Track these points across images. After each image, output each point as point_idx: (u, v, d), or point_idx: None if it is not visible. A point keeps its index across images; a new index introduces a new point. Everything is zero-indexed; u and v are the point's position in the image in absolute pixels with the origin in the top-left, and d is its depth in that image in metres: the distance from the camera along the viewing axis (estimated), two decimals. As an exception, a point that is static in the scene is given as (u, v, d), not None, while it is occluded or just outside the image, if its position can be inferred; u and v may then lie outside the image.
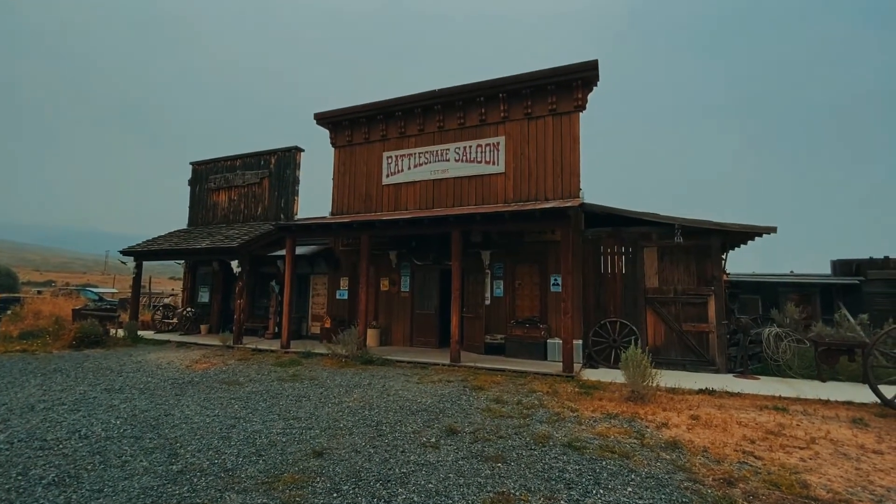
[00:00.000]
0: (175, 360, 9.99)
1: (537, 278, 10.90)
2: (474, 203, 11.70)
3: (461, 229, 9.82)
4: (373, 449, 4.59)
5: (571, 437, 4.98)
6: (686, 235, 9.54)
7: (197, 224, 16.63)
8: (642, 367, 6.63)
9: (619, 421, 5.63)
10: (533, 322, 10.46)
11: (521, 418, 5.68)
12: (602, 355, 9.96)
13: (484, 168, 11.76)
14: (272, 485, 3.73)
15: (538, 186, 11.06)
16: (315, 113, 14.06)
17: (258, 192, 15.47)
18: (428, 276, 12.40)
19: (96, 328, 12.10)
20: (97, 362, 9.53)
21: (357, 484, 3.76)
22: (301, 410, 6.01)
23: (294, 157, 15.01)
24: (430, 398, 6.69)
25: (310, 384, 7.60)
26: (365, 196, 13.38)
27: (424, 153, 12.57)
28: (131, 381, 7.70)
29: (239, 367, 9.21)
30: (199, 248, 13.16)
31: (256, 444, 4.70)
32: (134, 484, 3.72)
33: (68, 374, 8.21)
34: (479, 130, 11.97)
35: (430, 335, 12.10)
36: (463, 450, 4.59)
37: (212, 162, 16.68)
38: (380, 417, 5.69)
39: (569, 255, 8.87)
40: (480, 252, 11.31)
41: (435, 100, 12.24)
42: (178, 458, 4.28)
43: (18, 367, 8.78)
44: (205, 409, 6.01)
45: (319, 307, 14.20)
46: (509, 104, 11.56)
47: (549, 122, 11.16)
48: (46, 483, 3.70)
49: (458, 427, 5.28)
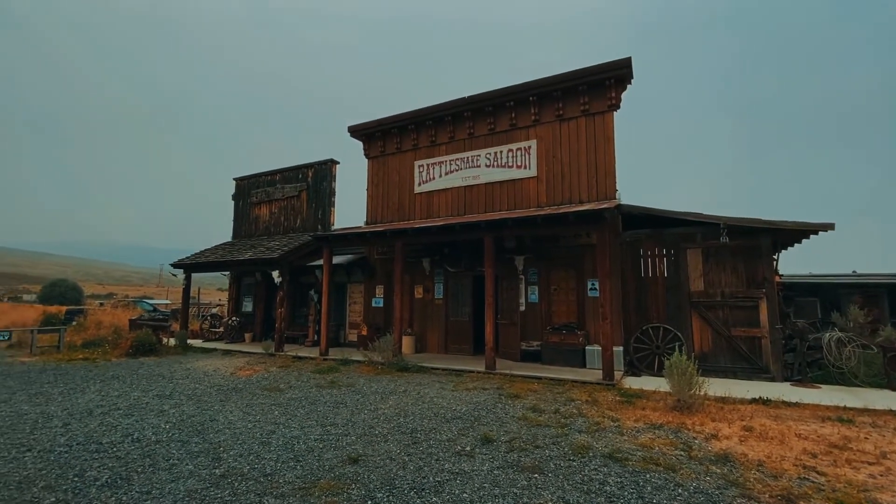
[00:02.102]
0: (221, 367, 10.42)
1: (573, 283, 10.63)
2: (506, 208, 11.59)
3: (493, 235, 9.74)
4: (407, 456, 4.57)
5: (612, 447, 4.78)
6: (733, 235, 9.04)
7: (240, 237, 17.39)
8: (688, 374, 6.29)
9: (663, 431, 5.35)
10: (570, 328, 10.18)
11: (558, 427, 5.51)
12: (644, 362, 9.54)
13: (515, 173, 11.64)
14: (309, 491, 3.77)
15: (572, 189, 10.83)
16: (349, 126, 14.44)
17: (297, 205, 15.99)
18: (461, 282, 12.36)
19: (150, 337, 12.82)
20: (150, 369, 10.08)
21: (391, 492, 3.75)
22: (338, 417, 6.09)
23: (329, 169, 15.44)
24: (465, 406, 6.61)
25: (347, 391, 7.71)
26: (398, 205, 13.55)
27: (455, 160, 12.61)
28: (180, 388, 8.07)
29: (280, 374, 9.48)
30: (243, 260, 13.74)
31: (294, 450, 4.79)
32: (180, 486, 3.86)
33: (124, 381, 8.72)
34: (509, 135, 11.89)
35: (464, 342, 12.03)
36: (498, 459, 4.49)
37: (253, 177, 17.43)
38: (415, 425, 5.68)
39: (606, 259, 8.59)
40: (514, 257, 11.16)
41: (465, 106, 12.28)
42: (221, 462, 4.43)
43: (81, 374, 9.41)
44: (247, 415, 6.21)
45: (356, 315, 14.44)
46: (540, 107, 11.42)
47: (581, 123, 10.93)
48: (100, 484, 3.91)
49: (494, 436, 5.18)
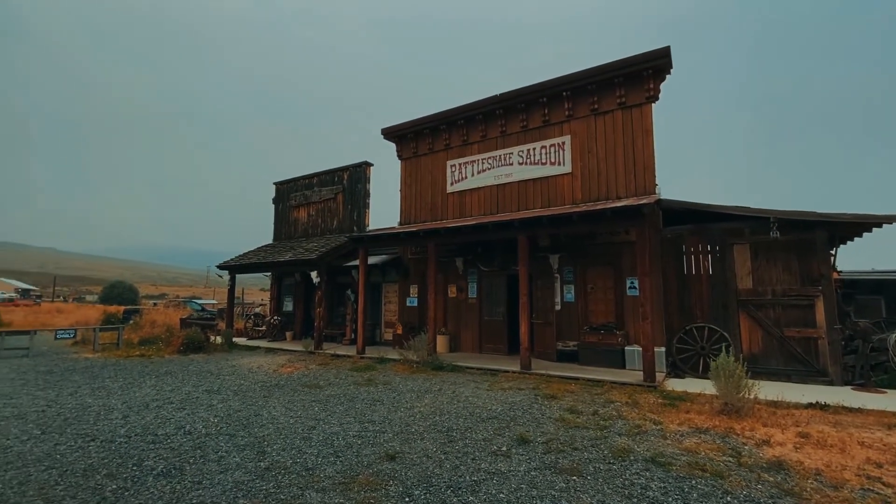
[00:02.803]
0: (264, 364, 10.84)
1: (611, 282, 10.34)
2: (540, 206, 11.43)
3: (527, 234, 9.62)
4: (444, 455, 4.60)
5: (655, 451, 4.62)
6: (784, 229, 8.52)
7: (281, 238, 18.02)
8: (736, 376, 5.99)
9: (710, 436, 5.12)
10: (608, 328, 9.92)
11: (597, 430, 5.38)
12: (688, 364, 9.16)
13: (549, 169, 11.46)
14: (348, 486, 3.87)
15: (608, 185, 10.54)
16: (382, 128, 14.66)
17: (333, 207, 16.40)
18: (495, 282, 12.30)
19: (199, 336, 13.51)
20: (200, 366, 10.62)
21: (428, 490, 3.78)
22: (375, 414, 6.20)
23: (364, 171, 15.74)
24: (501, 406, 6.58)
25: (383, 389, 7.84)
26: (431, 205, 13.64)
27: (487, 159, 12.55)
28: (227, 384, 8.46)
29: (319, 371, 9.75)
30: (283, 261, 14.23)
31: (334, 446, 4.92)
32: (228, 478, 4.05)
33: (176, 377, 9.23)
34: (542, 131, 11.71)
35: (499, 342, 11.96)
36: (535, 460, 4.43)
37: (292, 181, 18.01)
38: (450, 423, 5.70)
39: (646, 256, 8.31)
40: (548, 256, 10.99)
41: (496, 105, 12.20)
42: (265, 456, 4.61)
43: (137, 370, 10.04)
44: (289, 411, 6.43)
45: (391, 314, 14.65)
46: (574, 102, 11.18)
47: (617, 117, 10.62)
48: (156, 474, 4.16)
49: (530, 436, 5.12)
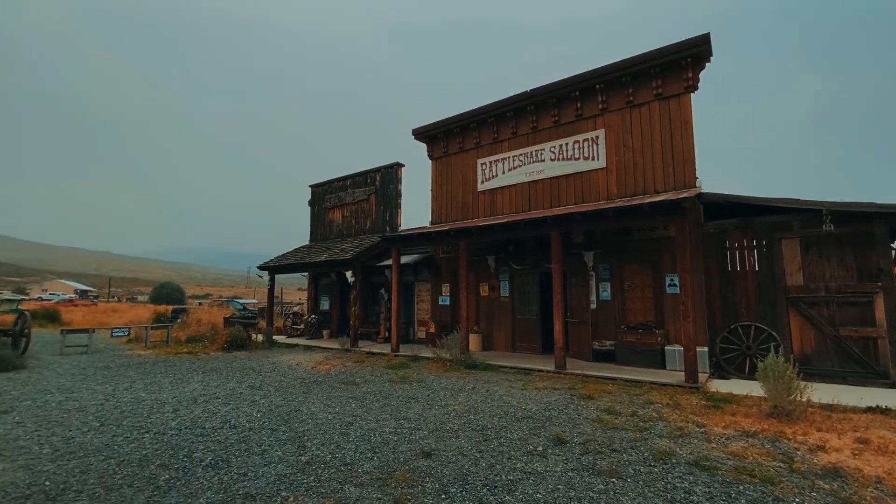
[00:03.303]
0: (302, 361, 11.18)
1: (650, 279, 10.02)
2: (573, 202, 11.22)
3: (560, 230, 9.46)
4: (479, 453, 4.60)
5: (698, 454, 4.45)
6: (838, 222, 8.00)
7: (316, 239, 18.51)
8: (786, 378, 5.68)
9: (758, 440, 4.88)
10: (647, 327, 9.62)
11: (636, 431, 5.24)
12: (733, 364, 8.76)
13: (582, 165, 11.22)
14: (385, 481, 3.94)
15: (645, 179, 10.22)
16: (413, 129, 14.79)
17: (366, 208, 16.70)
18: (527, 280, 12.16)
19: (241, 334, 14.08)
20: (242, 363, 11.07)
21: (464, 487, 3.80)
22: (410, 411, 6.28)
23: (396, 172, 15.93)
24: (536, 405, 6.51)
25: (418, 386, 7.92)
26: (461, 204, 13.64)
27: (518, 156, 12.43)
28: (268, 380, 8.78)
29: (355, 368, 9.96)
30: (319, 262, 14.62)
31: (371, 442, 5.01)
32: (271, 471, 4.21)
33: (221, 373, 9.66)
34: (575, 126, 11.48)
35: (532, 341, 11.83)
36: (572, 461, 4.37)
37: (326, 183, 18.46)
38: (484, 422, 5.70)
39: (686, 252, 8.00)
40: (583, 253, 10.77)
41: (527, 100, 12.06)
42: (305, 451, 4.76)
43: (185, 366, 10.58)
44: (327, 407, 6.60)
45: (424, 313, 14.77)
46: (608, 94, 10.90)
47: (654, 108, 10.27)
48: (205, 465, 4.38)
49: (567, 437, 5.05)
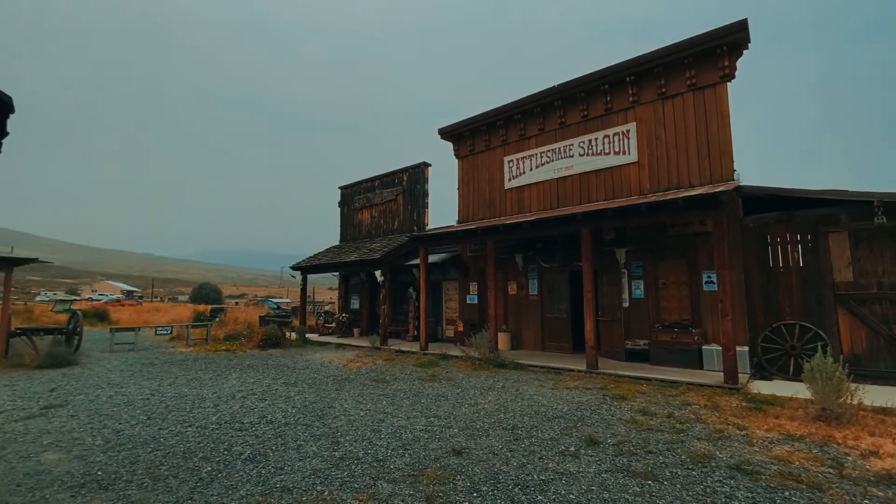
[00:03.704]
0: (334, 359, 11.42)
1: (685, 276, 9.70)
2: (604, 198, 10.98)
3: (591, 227, 9.29)
4: (510, 452, 4.58)
5: (740, 458, 4.28)
6: (891, 215, 7.51)
7: (346, 240, 18.85)
8: (836, 379, 5.38)
9: (804, 444, 4.65)
10: (683, 326, 9.32)
11: (673, 433, 5.09)
12: (776, 365, 8.37)
13: (613, 159, 10.96)
14: (417, 478, 3.98)
15: (679, 172, 9.89)
16: (439, 129, 14.83)
17: (394, 208, 16.88)
18: (557, 278, 12.00)
19: (276, 332, 14.51)
20: (277, 360, 11.41)
21: (495, 486, 3.79)
22: (440, 409, 6.31)
23: (423, 172, 16.03)
24: (567, 405, 6.42)
25: (447, 385, 7.95)
26: (489, 202, 13.59)
27: (546, 152, 12.26)
28: (302, 377, 9.02)
29: (385, 366, 10.10)
30: (349, 262, 14.89)
31: (402, 439, 5.08)
32: (306, 465, 4.33)
33: (257, 370, 9.99)
34: (604, 120, 11.23)
35: (562, 340, 11.66)
36: (606, 462, 4.29)
37: (355, 185, 18.77)
38: (515, 421, 5.66)
39: (724, 248, 7.70)
40: (614, 250, 10.53)
41: (554, 96, 11.88)
42: (339, 446, 4.86)
43: (224, 363, 11.00)
44: (359, 404, 6.73)
45: (452, 311, 14.81)
46: (638, 87, 10.61)
47: (688, 99, 9.92)
48: (244, 458, 4.54)
49: (600, 437, 4.96)
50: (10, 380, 8.78)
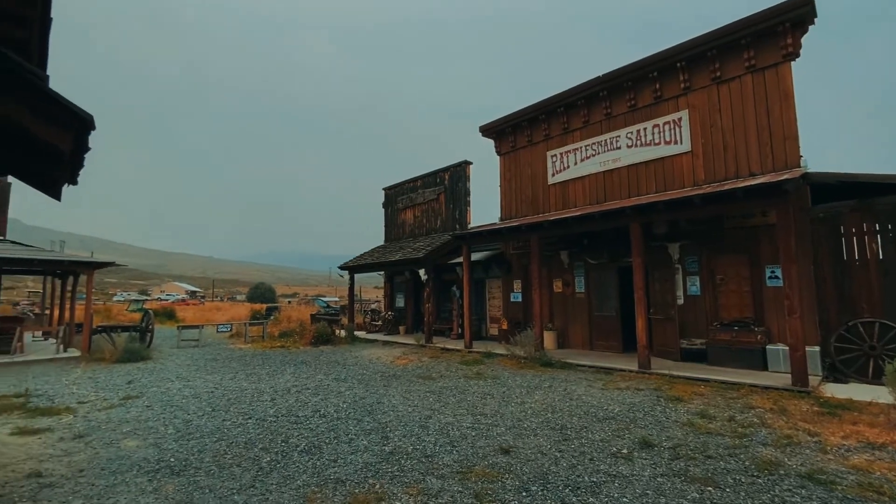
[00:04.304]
0: (382, 356, 11.70)
1: (746, 271, 9.10)
2: (654, 190, 10.51)
3: (641, 221, 8.93)
4: (559, 453, 4.51)
5: (812, 467, 3.98)
6: None
7: (391, 240, 19.23)
8: (925, 383, 4.87)
9: (887, 453, 4.25)
10: (744, 324, 8.76)
11: (735, 437, 4.81)
12: (852, 366, 7.68)
13: (663, 150, 10.47)
14: (465, 475, 4.00)
15: (738, 161, 9.29)
16: (480, 126, 14.77)
17: (436, 207, 17.01)
18: (604, 275, 11.62)
19: (326, 329, 15.06)
20: (328, 356, 11.85)
21: (545, 486, 3.75)
22: (486, 407, 6.31)
23: (464, 170, 16.04)
24: (619, 406, 6.22)
25: (492, 383, 7.93)
26: (531, 198, 13.38)
27: (591, 145, 11.90)
28: (352, 373, 9.31)
29: (431, 364, 10.22)
30: (393, 261, 15.19)
31: (450, 435, 5.12)
32: (358, 458, 4.47)
33: (310, 366, 10.42)
34: (653, 109, 10.74)
35: (612, 339, 11.28)
36: (661, 466, 4.12)
37: (398, 185, 19.10)
38: (563, 421, 5.56)
39: (790, 240, 7.15)
40: (666, 245, 10.06)
41: (599, 86, 11.50)
42: (388, 441, 4.99)
43: (279, 359, 11.56)
44: (406, 400, 6.86)
45: (496, 309, 14.73)
46: (690, 72, 10.05)
47: (746, 82, 9.29)
48: (300, 450, 4.76)
49: (654, 440, 4.77)
50: (93, 373, 9.69)
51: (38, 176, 2.58)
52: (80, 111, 1.89)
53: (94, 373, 9.68)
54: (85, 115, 1.94)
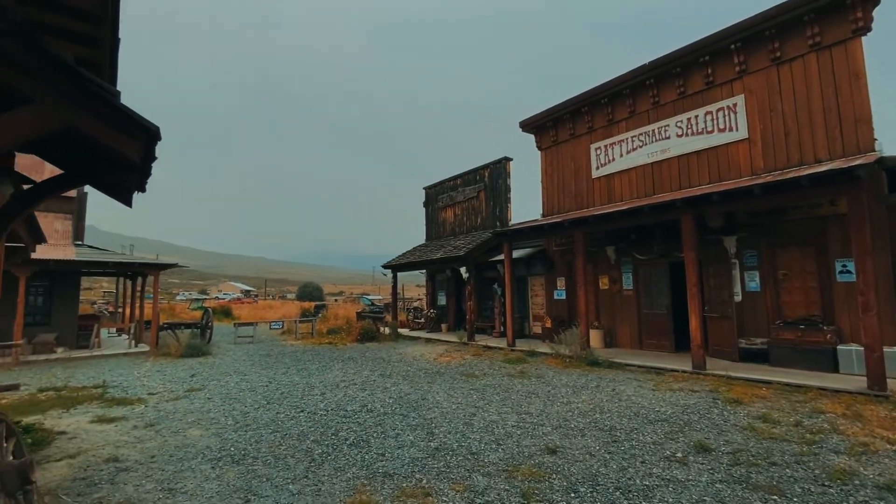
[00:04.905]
0: (425, 353, 11.84)
1: (812, 265, 8.44)
2: (707, 181, 9.96)
3: (693, 214, 8.49)
4: (608, 454, 4.39)
5: (892, 477, 3.64)
6: None
7: (432, 238, 19.40)
8: None
9: None
10: (811, 322, 8.13)
11: (802, 444, 4.48)
12: (943, 369, 6.93)
13: (717, 138, 9.89)
14: (512, 474, 3.98)
15: (802, 147, 8.62)
16: (520, 121, 14.58)
17: (476, 205, 16.97)
18: (654, 271, 11.15)
19: (372, 327, 15.45)
20: (374, 353, 12.14)
21: (594, 488, 3.66)
22: (531, 406, 6.24)
23: (504, 167, 15.89)
24: (671, 408, 5.96)
25: (537, 382, 7.83)
26: (575, 193, 13.06)
27: (638, 136, 11.45)
28: (396, 370, 9.49)
29: (473, 361, 10.23)
30: (435, 259, 15.32)
31: (495, 434, 5.11)
32: (405, 454, 4.55)
33: (356, 362, 10.72)
34: (705, 95, 10.17)
35: (662, 338, 10.81)
36: (720, 471, 3.91)
37: (438, 184, 19.22)
38: (612, 423, 5.40)
39: (865, 231, 6.55)
40: (722, 238, 9.50)
41: (645, 75, 11.03)
42: (434, 437, 5.04)
43: (328, 355, 11.96)
44: (450, 397, 6.90)
45: (539, 307, 14.51)
46: (746, 54, 9.43)
47: (810, 62, 8.60)
48: (349, 443, 4.91)
49: (711, 444, 4.53)
50: (160, 366, 10.45)
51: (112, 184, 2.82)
52: (148, 123, 2.04)
53: (161, 366, 10.43)
54: (152, 127, 2.09)
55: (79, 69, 1.81)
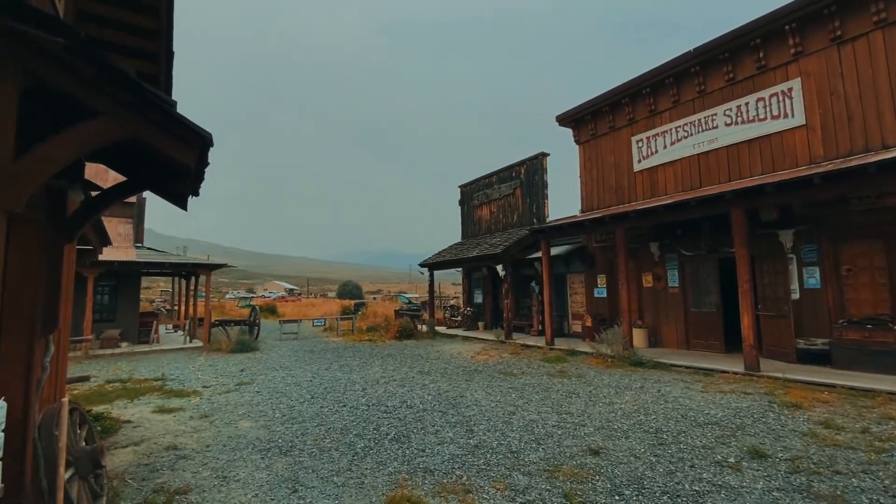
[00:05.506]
0: (462, 351, 11.87)
1: (881, 260, 7.79)
2: (759, 172, 9.40)
3: (744, 207, 8.05)
4: (654, 457, 4.24)
5: (980, 493, 3.31)
6: None
7: (467, 236, 19.40)
8: None
9: None
10: (880, 322, 7.51)
11: (871, 452, 4.16)
12: None
13: (770, 125, 9.31)
14: (553, 474, 3.93)
15: (868, 132, 7.97)
16: (556, 116, 14.30)
17: (512, 202, 16.81)
18: (701, 267, 10.64)
19: (409, 325, 15.64)
20: (412, 350, 12.29)
21: (640, 492, 3.55)
22: (572, 406, 6.12)
23: (541, 163, 15.65)
24: (722, 410, 5.69)
25: (577, 381, 7.67)
26: (615, 187, 12.67)
27: (683, 126, 10.96)
28: (434, 367, 9.57)
29: (511, 360, 10.15)
30: (471, 257, 15.31)
31: (535, 433, 5.06)
32: (444, 450, 4.59)
33: (395, 359, 10.89)
34: (756, 81, 9.59)
35: (711, 337, 10.30)
36: (777, 479, 3.70)
37: (473, 182, 19.18)
38: (658, 425, 5.22)
39: (942, 223, 5.98)
40: (777, 232, 8.95)
41: (690, 62, 10.53)
42: (473, 434, 5.05)
43: (367, 352, 12.23)
44: (489, 395, 6.89)
45: (578, 305, 14.20)
46: (802, 35, 8.82)
47: (876, 40, 7.93)
48: (390, 438, 5.01)
49: (767, 450, 4.29)
50: (213, 361, 11.04)
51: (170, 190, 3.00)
52: (202, 130, 2.16)
53: (213, 361, 11.02)
54: (205, 134, 2.21)
55: (142, 83, 1.94)
